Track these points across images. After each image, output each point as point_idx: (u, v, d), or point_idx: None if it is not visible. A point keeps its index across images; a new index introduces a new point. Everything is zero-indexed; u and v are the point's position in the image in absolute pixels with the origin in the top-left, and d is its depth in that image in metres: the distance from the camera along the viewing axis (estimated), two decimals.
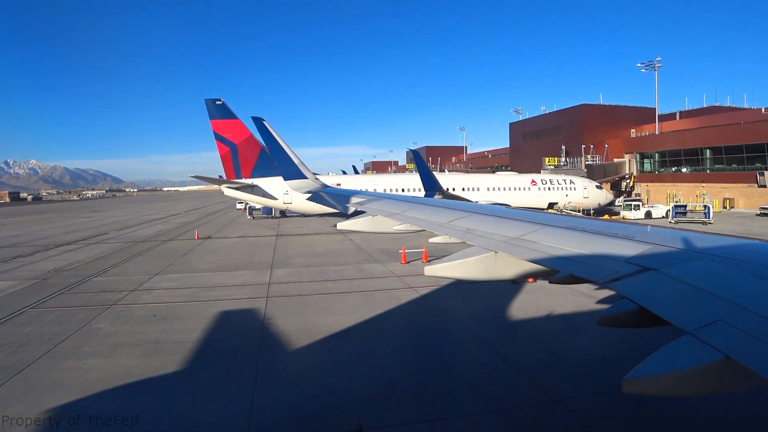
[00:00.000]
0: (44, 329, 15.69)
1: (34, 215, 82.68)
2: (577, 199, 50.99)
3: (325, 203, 16.17)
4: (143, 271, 25.80)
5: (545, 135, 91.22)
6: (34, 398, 10.55)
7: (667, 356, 2.81)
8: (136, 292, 20.81)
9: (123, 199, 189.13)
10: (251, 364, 12.41)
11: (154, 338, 14.63)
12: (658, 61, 77.35)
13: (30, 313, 17.62)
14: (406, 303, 18.04)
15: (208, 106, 40.65)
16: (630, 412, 9.63)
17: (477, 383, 11.17)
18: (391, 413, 9.72)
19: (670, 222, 48.62)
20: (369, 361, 12.60)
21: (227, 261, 28.73)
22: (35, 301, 19.31)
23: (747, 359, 2.54)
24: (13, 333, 15.33)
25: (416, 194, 45.75)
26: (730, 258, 3.89)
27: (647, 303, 3.48)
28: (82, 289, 21.68)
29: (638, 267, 4.07)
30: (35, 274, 25.52)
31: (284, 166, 18.79)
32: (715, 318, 2.98)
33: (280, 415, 9.78)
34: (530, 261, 5.05)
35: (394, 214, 9.30)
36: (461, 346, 13.81)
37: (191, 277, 24.05)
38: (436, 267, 5.80)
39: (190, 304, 18.56)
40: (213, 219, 62.96)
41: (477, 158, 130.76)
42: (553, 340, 14.16)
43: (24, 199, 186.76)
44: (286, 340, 14.35)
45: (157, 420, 9.65)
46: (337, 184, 44.33)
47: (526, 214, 7.14)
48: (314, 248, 32.96)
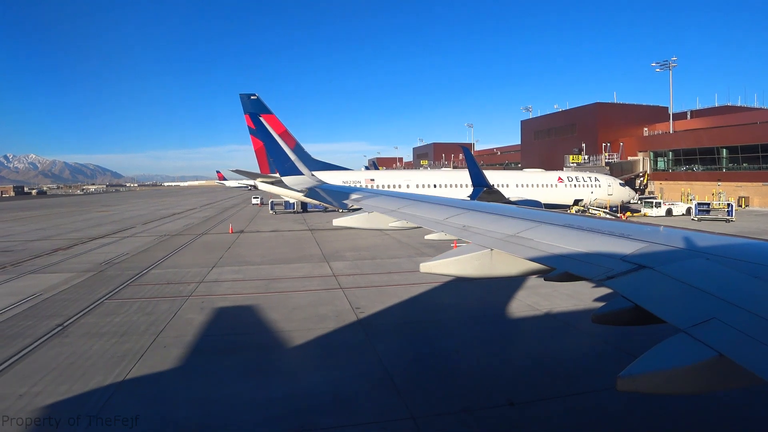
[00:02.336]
0: (134, 319, 15.69)
1: (47, 209, 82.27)
2: (602, 196, 51.26)
3: (321, 199, 16.16)
4: (197, 263, 25.79)
5: (558, 133, 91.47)
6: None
7: (662, 354, 2.81)
8: (204, 283, 20.80)
9: (127, 194, 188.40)
10: (371, 352, 12.69)
11: (255, 328, 14.74)
12: (674, 60, 77.69)
13: (109, 304, 17.61)
14: (484, 293, 18.20)
15: (243, 100, 40.63)
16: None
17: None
18: (537, 389, 10.40)
19: (693, 219, 49.03)
20: (498, 344, 13.36)
21: (277, 254, 28.74)
22: (107, 293, 19.28)
23: (740, 357, 2.54)
24: (105, 323, 15.32)
25: (450, 191, 45.85)
26: (725, 257, 3.90)
27: (642, 301, 3.49)
28: (146, 281, 21.67)
29: (633, 265, 4.07)
30: (87, 266, 25.47)
31: (280, 162, 18.70)
32: (709, 316, 2.99)
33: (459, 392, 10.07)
34: (526, 258, 5.04)
35: (390, 210, 9.23)
36: (542, 325, 14.01)
37: (250, 269, 24.07)
38: (431, 264, 5.73)
39: (267, 296, 18.59)
40: (234, 214, 62.85)
41: (485, 155, 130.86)
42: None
43: (28, 194, 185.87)
44: (390, 328, 14.65)
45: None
46: (371, 180, 44.51)
47: (522, 212, 7.13)
48: (356, 242, 32.99)
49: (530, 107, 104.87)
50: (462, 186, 46.18)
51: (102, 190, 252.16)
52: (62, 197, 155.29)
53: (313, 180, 18.39)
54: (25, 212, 74.21)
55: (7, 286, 21.19)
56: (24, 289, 20.13)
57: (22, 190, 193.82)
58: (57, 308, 17.19)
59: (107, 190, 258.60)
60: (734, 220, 46.82)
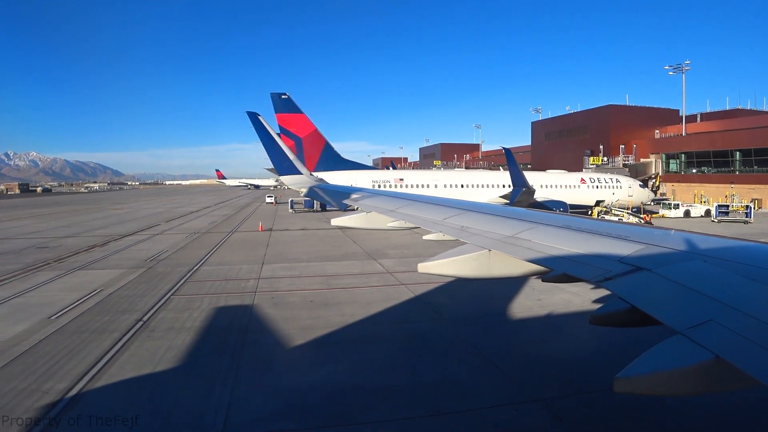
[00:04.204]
0: (211, 315, 15.80)
1: (59, 207, 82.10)
2: (623, 197, 51.66)
3: (320, 199, 16.32)
4: (243, 260, 25.90)
5: (569, 134, 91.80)
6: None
7: (659, 355, 2.82)
8: (262, 280, 20.94)
9: (132, 192, 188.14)
10: (463, 341, 12.99)
11: (339, 321, 14.97)
12: (687, 64, 78.11)
13: (178, 300, 17.70)
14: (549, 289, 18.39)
15: (274, 100, 40.90)
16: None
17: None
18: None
19: (713, 221, 49.52)
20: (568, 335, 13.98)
21: (318, 252, 28.88)
22: (169, 290, 19.32)
23: (737, 359, 2.55)
24: (184, 318, 15.42)
25: (478, 192, 45.96)
26: (722, 259, 3.91)
27: (639, 302, 3.50)
28: (201, 277, 21.76)
29: (631, 267, 4.07)
30: (132, 263, 25.52)
31: (279, 161, 18.80)
32: (706, 318, 2.99)
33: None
34: (524, 260, 5.06)
35: (388, 210, 9.28)
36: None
37: (300, 266, 24.21)
38: (429, 264, 5.76)
39: (333, 291, 18.73)
40: (252, 212, 62.85)
41: (492, 156, 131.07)
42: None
43: (33, 191, 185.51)
44: (470, 321, 15.00)
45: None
46: (400, 179, 44.70)
47: (520, 213, 7.16)
48: (391, 241, 33.11)
49: (540, 108, 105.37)
50: (489, 186, 46.47)
51: (105, 188, 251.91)
52: (68, 195, 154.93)
53: (312, 179, 18.49)
54: (39, 209, 74.09)
55: (62, 281, 21.27)
56: (81, 285, 20.21)
57: (27, 188, 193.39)
58: (126, 304, 17.29)
59: (111, 188, 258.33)
60: (752, 222, 47.35)
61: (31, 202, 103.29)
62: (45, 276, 22.22)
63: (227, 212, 63.49)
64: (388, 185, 43.01)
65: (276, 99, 40.83)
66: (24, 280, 21.59)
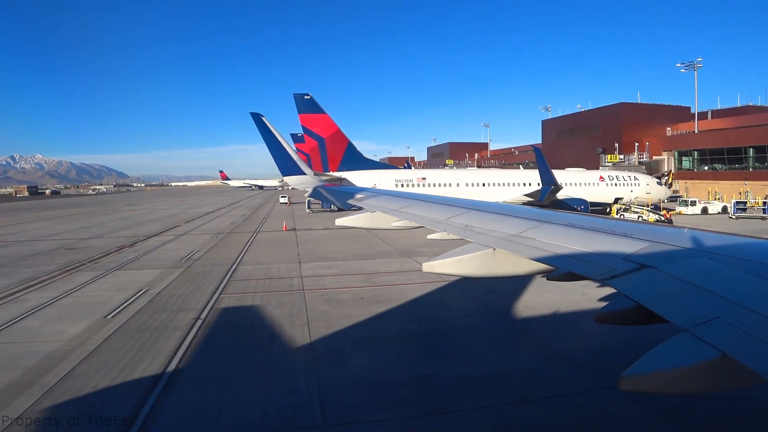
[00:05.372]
0: (268, 312, 15.96)
1: (72, 209, 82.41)
2: (641, 194, 51.71)
3: (323, 199, 16.34)
4: (278, 259, 26.02)
5: (581, 132, 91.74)
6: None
7: (664, 353, 2.80)
8: (305, 278, 21.07)
9: (139, 194, 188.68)
10: (529, 336, 12.99)
11: (393, 317, 15.16)
12: (699, 61, 78.03)
13: (228, 299, 17.80)
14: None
15: (297, 100, 41.10)
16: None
17: None
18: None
19: (731, 217, 49.69)
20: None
21: (350, 251, 29.01)
22: (214, 289, 19.40)
23: (744, 357, 2.53)
24: (241, 316, 15.61)
25: (502, 190, 45.95)
26: (728, 256, 3.88)
27: (645, 300, 3.47)
28: (242, 276, 21.88)
29: (636, 264, 4.04)
30: (168, 263, 25.63)
31: (283, 161, 18.83)
32: (712, 316, 2.97)
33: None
34: (529, 258, 5.04)
35: (392, 210, 9.30)
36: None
37: (338, 264, 24.32)
38: (434, 263, 5.80)
39: (380, 288, 18.84)
40: (269, 212, 63.06)
41: (501, 154, 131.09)
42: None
43: (42, 193, 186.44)
44: (524, 315, 15.08)
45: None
46: (423, 178, 44.80)
47: (525, 211, 7.17)
48: (418, 240, 32.95)
49: (549, 107, 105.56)
50: (513, 185, 46.55)
51: (113, 190, 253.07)
52: (77, 197, 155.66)
53: (315, 180, 18.51)
54: (53, 211, 74.40)
55: (104, 281, 21.42)
56: (125, 285, 20.36)
57: (35, 190, 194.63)
58: (177, 303, 17.40)
59: (119, 190, 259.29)
60: None
61: (42, 204, 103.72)
62: (85, 276, 22.39)
63: (244, 212, 63.70)
64: (411, 184, 43.12)
65: (299, 99, 41.03)
66: (65, 280, 21.76)
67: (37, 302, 17.61)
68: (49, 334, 14.05)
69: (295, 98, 41.07)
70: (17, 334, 14.20)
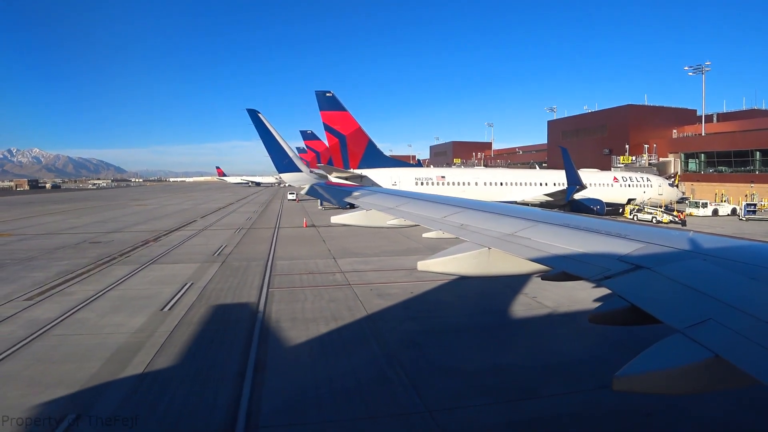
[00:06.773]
0: (324, 305, 16.17)
1: (77, 203, 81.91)
2: (653, 195, 52.24)
3: (320, 197, 16.39)
4: (311, 255, 26.21)
5: (587, 133, 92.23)
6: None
7: (658, 354, 2.82)
8: (347, 273, 21.25)
9: (141, 189, 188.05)
10: (588, 330, 13.28)
11: (450, 310, 15.35)
12: (707, 65, 78.60)
13: (280, 294, 17.94)
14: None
15: (319, 97, 41.21)
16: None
17: None
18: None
19: (741, 219, 50.26)
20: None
21: (379, 247, 29.26)
22: (260, 283, 19.56)
23: (736, 358, 2.54)
24: (304, 310, 15.72)
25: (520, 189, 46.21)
26: (722, 258, 3.91)
27: (639, 301, 3.48)
28: (282, 271, 22.03)
29: (631, 265, 4.06)
30: (201, 257, 25.71)
31: (279, 158, 18.82)
32: (706, 317, 2.99)
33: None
34: (524, 258, 5.06)
35: (388, 208, 9.33)
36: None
37: (373, 260, 24.58)
38: (429, 262, 5.79)
39: (425, 284, 18.96)
40: (280, 209, 63.13)
41: (505, 154, 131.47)
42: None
43: (42, 187, 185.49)
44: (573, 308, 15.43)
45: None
46: (442, 176, 45.06)
47: (520, 210, 7.21)
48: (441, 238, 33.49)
49: (555, 108, 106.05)
50: (532, 184, 46.85)
51: (112, 184, 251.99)
52: (77, 191, 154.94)
53: (312, 177, 18.55)
54: (59, 205, 74.22)
55: (143, 275, 21.48)
56: (167, 279, 20.47)
57: (36, 184, 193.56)
58: (229, 297, 17.54)
59: (118, 185, 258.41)
60: None
61: (46, 198, 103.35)
62: (122, 270, 22.46)
63: (254, 209, 63.75)
64: (430, 182, 43.45)
65: (320, 96, 41.15)
66: (103, 273, 21.84)
67: (84, 295, 17.69)
68: (111, 326, 14.14)
69: (316, 95, 41.19)
70: (77, 326, 14.26)
